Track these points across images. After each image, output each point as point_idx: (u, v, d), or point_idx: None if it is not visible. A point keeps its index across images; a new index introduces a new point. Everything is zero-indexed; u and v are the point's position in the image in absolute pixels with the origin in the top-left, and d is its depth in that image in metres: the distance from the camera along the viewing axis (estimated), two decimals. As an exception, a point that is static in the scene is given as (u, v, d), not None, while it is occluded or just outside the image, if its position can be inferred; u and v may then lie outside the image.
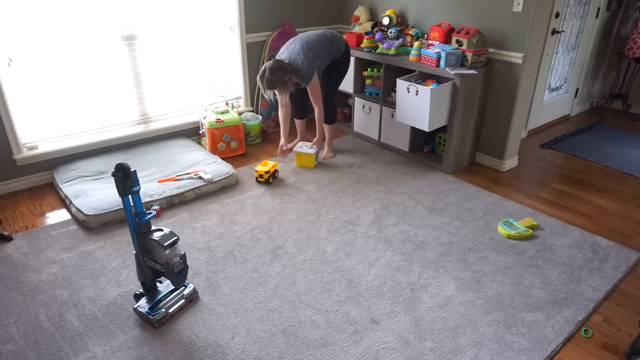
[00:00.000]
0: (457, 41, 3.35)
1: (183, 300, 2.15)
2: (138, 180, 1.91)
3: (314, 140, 3.66)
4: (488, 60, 3.40)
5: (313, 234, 2.73)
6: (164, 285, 2.18)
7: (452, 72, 3.18)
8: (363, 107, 4.03)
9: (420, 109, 3.29)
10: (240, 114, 3.88)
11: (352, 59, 3.97)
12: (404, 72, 3.66)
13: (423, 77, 3.52)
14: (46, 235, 2.69)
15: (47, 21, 3.04)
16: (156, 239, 1.91)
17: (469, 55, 3.26)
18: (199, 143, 3.91)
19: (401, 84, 3.37)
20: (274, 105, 4.27)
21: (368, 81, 3.97)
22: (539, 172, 3.60)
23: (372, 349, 1.94)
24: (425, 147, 3.80)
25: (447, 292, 2.27)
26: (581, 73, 4.71)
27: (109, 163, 3.31)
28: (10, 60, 2.99)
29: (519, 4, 3.10)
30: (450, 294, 2.26)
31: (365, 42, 3.89)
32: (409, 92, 3.33)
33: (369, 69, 3.92)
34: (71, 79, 3.28)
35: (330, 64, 3.49)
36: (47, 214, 2.93)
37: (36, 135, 3.25)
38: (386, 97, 3.86)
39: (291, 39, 3.42)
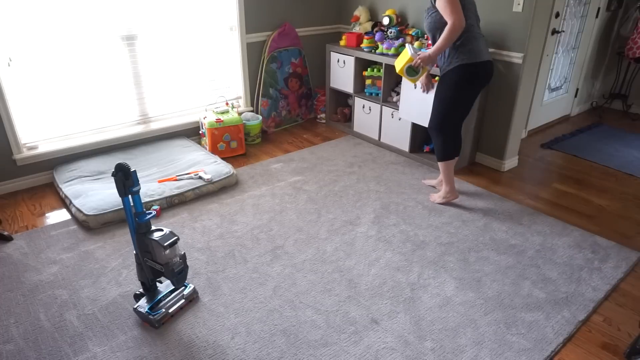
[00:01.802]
0: (457, 41, 3.34)
1: (183, 300, 2.15)
2: (138, 180, 1.91)
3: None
4: (488, 60, 3.40)
5: (313, 234, 2.73)
6: (164, 285, 2.18)
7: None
8: (363, 107, 4.04)
9: (425, 106, 3.30)
10: (240, 114, 3.88)
11: (352, 59, 3.98)
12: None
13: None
14: (46, 235, 2.69)
15: (47, 21, 3.04)
16: (156, 239, 1.91)
17: (469, 55, 3.26)
18: (199, 143, 3.91)
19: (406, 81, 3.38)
20: (273, 105, 4.27)
21: (368, 81, 3.97)
22: (539, 172, 3.61)
23: (372, 349, 1.94)
24: (425, 147, 3.80)
25: (447, 292, 2.27)
26: (581, 73, 4.71)
27: (109, 163, 3.31)
28: (10, 60, 2.99)
29: (519, 4, 3.10)
30: (450, 294, 2.26)
31: (365, 42, 3.89)
32: (415, 87, 3.33)
33: (369, 69, 3.92)
34: (71, 79, 3.28)
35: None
36: (47, 214, 2.93)
37: (36, 135, 3.25)
38: (386, 97, 3.85)
39: None
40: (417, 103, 3.36)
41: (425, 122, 3.34)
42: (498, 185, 3.36)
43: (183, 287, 2.19)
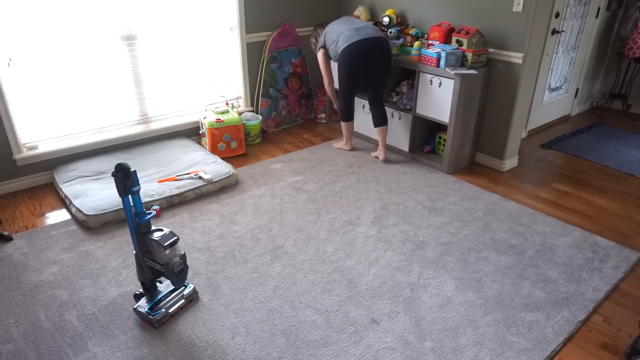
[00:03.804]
0: (457, 41, 3.34)
1: (183, 300, 2.15)
2: (138, 180, 1.91)
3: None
4: (488, 60, 3.40)
5: (313, 234, 2.73)
6: (164, 285, 2.18)
7: (452, 72, 3.18)
8: (363, 107, 4.03)
9: (440, 101, 3.35)
10: (240, 114, 3.88)
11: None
12: (405, 71, 3.66)
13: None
14: (46, 235, 2.69)
15: (47, 21, 3.04)
16: (156, 239, 1.91)
17: (469, 55, 3.26)
18: (199, 143, 3.91)
19: (423, 76, 3.42)
20: (273, 105, 4.27)
21: (368, 81, 3.98)
22: (539, 172, 3.61)
23: (372, 349, 1.94)
24: (425, 147, 3.80)
25: (447, 292, 2.27)
26: (581, 73, 4.71)
27: (109, 163, 3.31)
28: (10, 60, 2.99)
29: (519, 4, 3.10)
30: (450, 294, 2.26)
31: (365, 42, 3.89)
32: (432, 84, 3.34)
33: (369, 69, 3.93)
34: (71, 79, 3.28)
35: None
36: (47, 214, 2.93)
37: (36, 135, 3.25)
38: (386, 97, 3.85)
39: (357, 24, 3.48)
40: (432, 99, 3.40)
41: (441, 116, 3.39)
42: (498, 185, 3.36)
43: (183, 287, 2.19)
